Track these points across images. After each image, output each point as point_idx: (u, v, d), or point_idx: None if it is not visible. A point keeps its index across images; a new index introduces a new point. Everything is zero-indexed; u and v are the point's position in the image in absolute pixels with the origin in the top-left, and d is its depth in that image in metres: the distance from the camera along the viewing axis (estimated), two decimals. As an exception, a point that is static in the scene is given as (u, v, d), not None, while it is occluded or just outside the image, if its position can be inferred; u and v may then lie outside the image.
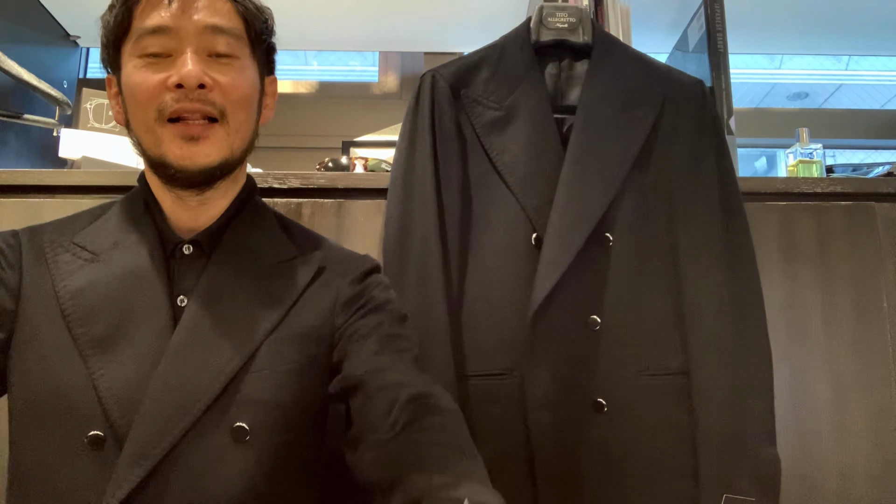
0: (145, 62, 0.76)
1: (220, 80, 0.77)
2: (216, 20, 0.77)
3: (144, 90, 0.75)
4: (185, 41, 0.75)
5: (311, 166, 1.37)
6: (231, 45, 0.78)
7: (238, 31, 0.79)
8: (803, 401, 1.21)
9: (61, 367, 0.73)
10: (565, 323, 1.05)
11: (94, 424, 0.71)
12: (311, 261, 0.85)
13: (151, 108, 0.75)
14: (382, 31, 2.09)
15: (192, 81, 0.74)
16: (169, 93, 0.75)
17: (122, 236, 0.80)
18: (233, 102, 0.78)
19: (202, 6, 0.77)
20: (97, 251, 0.79)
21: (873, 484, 1.19)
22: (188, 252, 0.80)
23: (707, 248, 1.09)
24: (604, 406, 1.05)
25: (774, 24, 2.04)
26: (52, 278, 0.77)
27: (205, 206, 0.82)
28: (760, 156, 2.73)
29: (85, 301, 0.75)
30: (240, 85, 0.79)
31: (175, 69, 0.75)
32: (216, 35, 0.77)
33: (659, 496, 1.03)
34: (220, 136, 0.77)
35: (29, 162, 1.78)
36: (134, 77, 0.76)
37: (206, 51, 0.77)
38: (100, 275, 0.77)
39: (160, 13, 0.75)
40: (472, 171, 1.14)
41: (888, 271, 1.26)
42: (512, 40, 1.19)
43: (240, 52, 0.79)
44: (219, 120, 0.77)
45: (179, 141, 0.75)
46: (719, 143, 1.15)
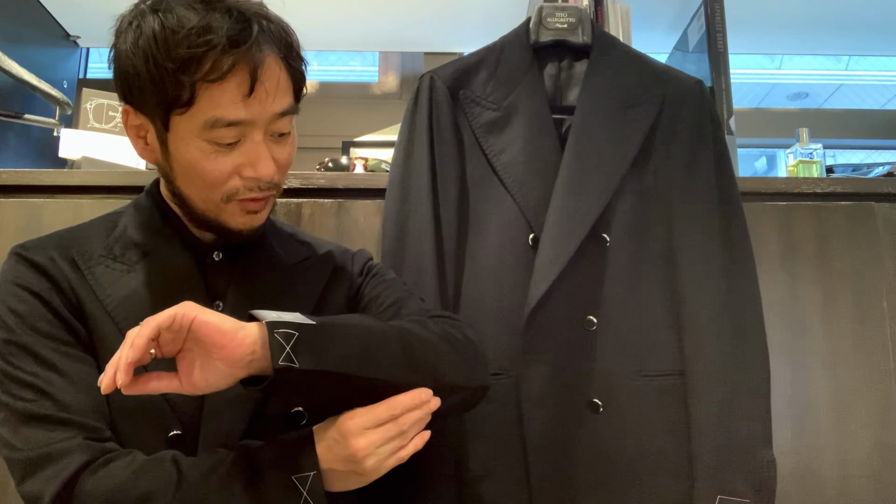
0: (215, 150, 0.74)
1: (280, 160, 0.79)
2: (282, 106, 0.76)
3: (216, 176, 0.75)
4: (258, 130, 0.75)
5: (311, 166, 1.37)
6: (291, 122, 0.80)
7: (294, 106, 0.80)
8: (803, 400, 1.21)
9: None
10: (561, 323, 1.06)
11: (173, 425, 0.75)
12: (325, 259, 0.91)
13: (219, 191, 0.76)
14: (382, 31, 2.09)
15: (268, 178, 0.77)
16: (241, 180, 0.76)
17: (148, 247, 0.81)
18: (285, 172, 0.82)
19: (275, 91, 0.75)
20: (129, 262, 0.80)
21: (873, 484, 1.19)
22: (218, 258, 0.83)
23: (705, 248, 1.09)
24: (599, 406, 1.05)
25: (774, 24, 2.04)
26: (93, 291, 0.77)
27: None
28: (760, 156, 2.74)
29: (132, 309, 0.76)
30: (293, 156, 0.82)
31: (246, 158, 0.75)
32: (282, 119, 0.77)
33: (654, 497, 1.03)
34: (271, 202, 0.83)
35: (29, 162, 1.78)
36: (202, 162, 0.75)
37: (270, 133, 0.77)
38: (138, 284, 0.79)
39: (238, 103, 0.72)
40: (471, 171, 1.14)
41: (888, 271, 1.26)
42: (511, 41, 1.19)
43: (293, 122, 0.81)
44: (276, 193, 0.82)
45: (244, 213, 0.79)
46: (718, 143, 1.15)
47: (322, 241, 0.97)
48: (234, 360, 0.65)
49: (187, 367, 0.66)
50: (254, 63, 0.71)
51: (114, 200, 1.19)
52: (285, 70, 0.76)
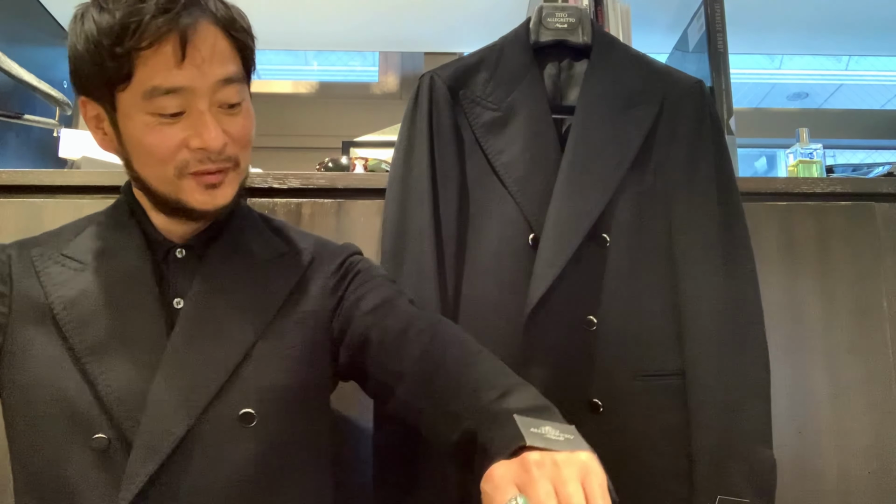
0: (159, 122, 0.74)
1: (232, 132, 0.77)
2: (224, 72, 0.75)
3: (163, 150, 0.74)
4: (200, 98, 0.74)
5: (311, 166, 1.37)
6: (238, 90, 0.77)
7: (241, 74, 0.78)
8: (803, 401, 1.21)
9: (59, 374, 0.74)
10: (561, 323, 1.06)
11: (98, 427, 0.72)
12: (303, 254, 0.88)
13: (170, 165, 0.75)
14: (382, 31, 2.09)
15: (216, 147, 0.75)
16: (189, 153, 0.75)
17: (109, 244, 0.82)
18: (242, 147, 0.80)
19: (211, 56, 0.74)
20: (86, 260, 0.80)
21: (873, 484, 1.19)
22: (181, 255, 0.82)
23: (705, 248, 1.09)
24: (599, 407, 1.05)
25: (774, 24, 2.04)
26: (43, 290, 0.78)
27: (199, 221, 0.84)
28: (760, 156, 2.74)
29: (79, 309, 0.76)
30: (248, 129, 0.80)
31: (193, 129, 0.74)
32: (227, 86, 0.76)
33: (654, 497, 1.03)
34: (234, 179, 0.80)
35: (29, 162, 1.78)
36: (148, 136, 0.74)
37: (218, 103, 0.76)
38: (91, 283, 0.78)
39: (172, 69, 0.71)
40: (470, 171, 1.14)
41: (888, 271, 1.26)
42: (511, 41, 1.19)
43: (243, 92, 0.79)
44: (233, 167, 0.79)
45: (202, 189, 0.77)
46: (718, 143, 1.15)
47: (308, 236, 0.94)
48: None
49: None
50: (183, 27, 0.70)
51: (113, 200, 1.19)
52: (224, 37, 0.75)
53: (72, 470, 0.72)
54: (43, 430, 0.74)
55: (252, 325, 0.79)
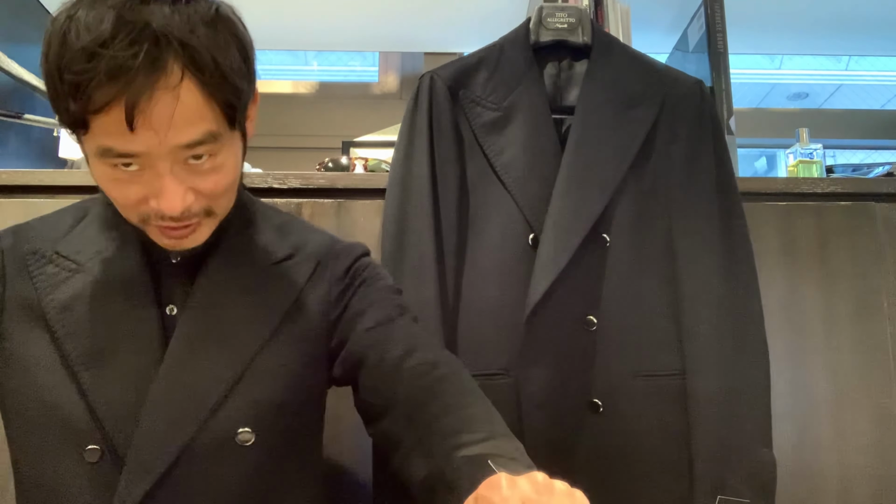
0: (116, 175, 0.67)
1: (201, 188, 0.69)
2: (189, 136, 0.65)
3: (123, 202, 0.69)
4: (159, 161, 0.65)
5: (311, 166, 1.37)
6: (210, 148, 0.67)
7: (217, 130, 0.66)
8: (803, 401, 1.21)
9: (51, 383, 0.72)
10: (561, 323, 1.06)
11: (91, 439, 0.70)
12: (307, 259, 0.83)
13: (133, 215, 0.70)
14: (382, 31, 2.09)
15: (175, 213, 0.67)
16: (151, 209, 0.68)
17: (104, 244, 0.78)
18: (217, 198, 0.71)
19: (171, 119, 0.63)
20: (81, 261, 0.77)
21: (873, 484, 1.19)
22: (176, 260, 0.77)
23: (705, 248, 1.09)
24: (599, 406, 1.05)
25: (774, 24, 2.04)
26: (36, 291, 0.74)
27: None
28: (760, 156, 2.74)
29: (72, 316, 0.73)
30: (223, 182, 0.71)
31: (152, 189, 0.66)
32: (192, 148, 0.66)
33: (654, 497, 1.03)
34: (208, 226, 0.73)
35: (29, 162, 1.78)
36: (108, 186, 0.68)
37: (183, 158, 0.66)
38: (85, 286, 0.75)
39: (123, 135, 0.62)
40: (471, 171, 1.14)
41: (888, 271, 1.26)
42: (511, 41, 1.19)
43: (219, 147, 0.68)
44: (203, 216, 0.72)
45: (168, 237, 0.71)
46: (718, 143, 1.15)
47: (316, 233, 0.88)
48: None
49: None
50: (133, 94, 0.61)
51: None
52: (198, 92, 0.64)
53: (62, 480, 0.70)
54: (34, 437, 0.72)
55: (253, 338, 0.76)
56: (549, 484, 0.55)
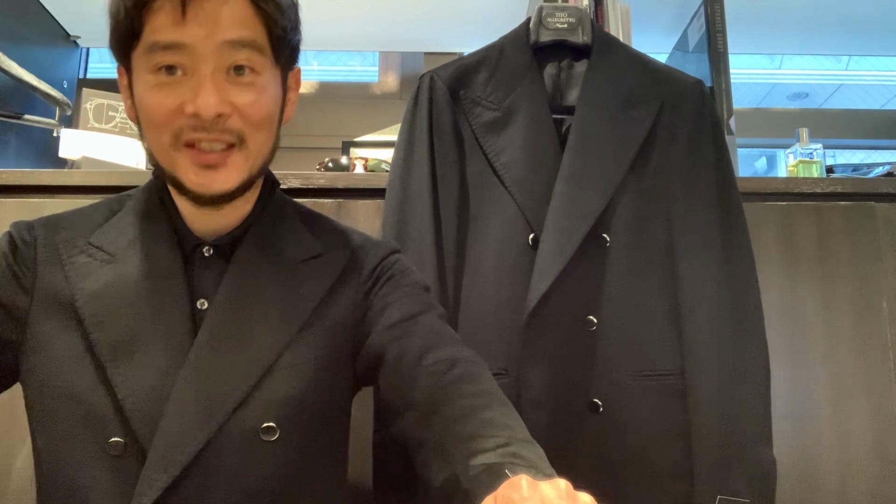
0: (158, 80, 0.70)
1: (238, 103, 0.71)
2: (236, 34, 0.69)
3: (158, 114, 0.70)
4: (201, 60, 0.69)
5: (311, 166, 1.37)
6: (253, 58, 0.71)
7: (260, 43, 0.71)
8: (803, 401, 1.21)
9: (77, 372, 0.71)
10: (561, 323, 1.05)
11: (114, 431, 0.69)
12: (336, 258, 0.82)
13: (166, 133, 0.71)
14: (382, 31, 2.09)
15: (208, 113, 0.68)
16: (185, 119, 0.70)
17: (137, 235, 0.77)
18: (253, 126, 0.72)
19: (220, 16, 0.68)
20: (113, 252, 0.76)
21: (873, 484, 1.19)
22: (208, 254, 0.77)
23: (705, 249, 1.09)
24: (599, 406, 1.05)
25: (774, 24, 2.04)
26: (67, 281, 0.74)
27: (223, 213, 0.78)
28: (760, 156, 2.73)
29: (102, 305, 0.73)
30: (261, 105, 0.73)
31: (191, 93, 0.69)
32: (236, 49, 0.70)
33: (654, 497, 1.03)
34: (239, 162, 0.73)
35: (29, 162, 1.78)
36: (146, 98, 0.71)
37: (225, 66, 0.70)
38: (116, 277, 0.75)
39: (173, 26, 0.68)
40: (470, 171, 1.14)
41: (888, 271, 1.26)
42: (511, 41, 1.19)
43: (261, 67, 0.72)
44: (237, 145, 0.72)
45: (196, 168, 0.71)
46: (718, 143, 1.15)
47: (347, 232, 0.87)
48: None
49: None
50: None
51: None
52: (248, 4, 0.70)
53: (84, 472, 0.69)
54: (57, 428, 0.71)
55: (280, 334, 0.75)
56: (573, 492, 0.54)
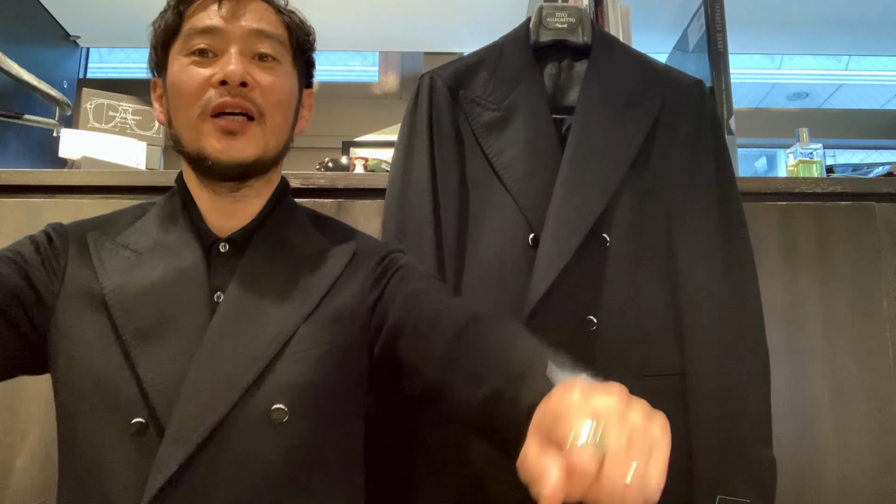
0: (192, 60, 0.81)
1: (260, 80, 0.82)
2: (262, 25, 0.83)
3: (190, 87, 0.80)
4: (230, 42, 0.81)
5: (311, 166, 1.37)
6: (274, 48, 0.84)
7: (282, 38, 0.85)
8: (803, 401, 1.21)
9: (104, 356, 0.75)
10: (561, 323, 1.05)
11: (138, 412, 0.73)
12: (343, 252, 0.88)
13: (196, 104, 0.80)
14: (382, 31, 2.09)
15: (235, 78, 0.79)
16: (213, 89, 0.80)
17: (162, 236, 0.84)
18: (272, 104, 0.83)
19: (250, 12, 0.83)
20: (139, 250, 0.82)
21: (873, 484, 1.19)
22: (224, 250, 0.84)
23: (705, 249, 1.09)
24: (600, 406, 1.05)
25: (774, 24, 2.04)
26: (95, 274, 0.80)
27: (240, 205, 0.86)
28: (760, 156, 2.73)
29: (128, 294, 0.78)
30: (279, 87, 0.84)
31: (219, 67, 0.80)
32: (261, 38, 0.83)
33: (655, 496, 1.03)
34: (256, 134, 0.82)
35: (29, 162, 1.78)
36: (180, 75, 0.81)
37: (251, 52, 0.82)
38: (142, 272, 0.80)
39: (210, 16, 0.82)
40: (470, 171, 1.14)
41: (888, 271, 1.26)
42: (511, 41, 1.19)
43: (282, 58, 0.85)
44: (256, 119, 0.82)
45: (219, 134, 0.80)
46: (718, 143, 1.15)
47: (352, 231, 0.95)
48: None
49: None
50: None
51: (114, 200, 1.19)
52: (271, 10, 0.86)
53: (107, 451, 0.72)
54: (82, 409, 0.75)
55: (289, 320, 0.79)
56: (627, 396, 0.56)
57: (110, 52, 2.30)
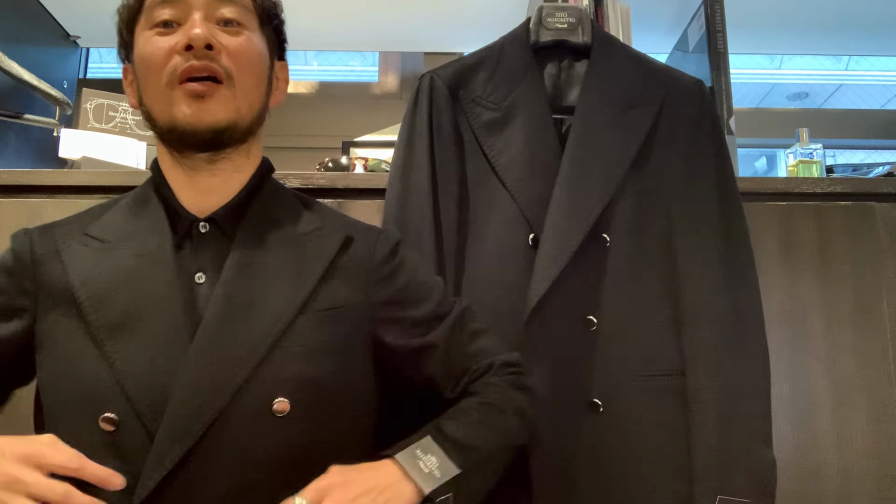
0: (156, 32, 0.79)
1: (227, 43, 0.80)
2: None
3: (156, 56, 0.78)
4: (193, 8, 0.79)
5: (311, 166, 1.37)
6: (238, 13, 0.82)
7: (246, 3, 0.83)
8: (803, 401, 1.21)
9: (78, 354, 0.74)
10: (561, 323, 1.05)
11: (110, 406, 0.71)
12: (337, 231, 0.86)
13: (163, 73, 0.78)
14: (382, 31, 2.09)
15: (199, 41, 0.77)
16: (179, 56, 0.78)
17: (132, 222, 0.82)
18: (241, 66, 0.80)
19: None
20: (108, 238, 0.81)
21: (873, 484, 1.19)
22: (205, 230, 0.81)
23: (705, 248, 1.09)
24: (599, 406, 1.05)
25: (774, 24, 2.04)
26: (65, 270, 0.78)
27: (218, 179, 0.83)
28: (760, 156, 2.73)
29: (97, 287, 0.76)
30: (247, 50, 0.82)
31: (183, 34, 0.78)
32: (224, 3, 0.81)
33: (653, 497, 1.03)
34: (227, 97, 0.79)
35: (29, 162, 1.78)
36: (146, 47, 0.80)
37: (215, 18, 0.80)
38: (112, 261, 0.79)
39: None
40: (470, 171, 1.14)
41: (888, 271, 1.26)
42: (511, 41, 1.19)
43: (247, 23, 0.83)
44: (224, 81, 0.79)
45: (188, 99, 0.78)
46: (718, 143, 1.15)
47: (338, 213, 0.93)
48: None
49: None
50: None
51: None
52: None
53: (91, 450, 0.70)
54: (61, 410, 0.74)
55: (286, 307, 0.77)
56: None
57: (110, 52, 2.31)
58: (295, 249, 0.82)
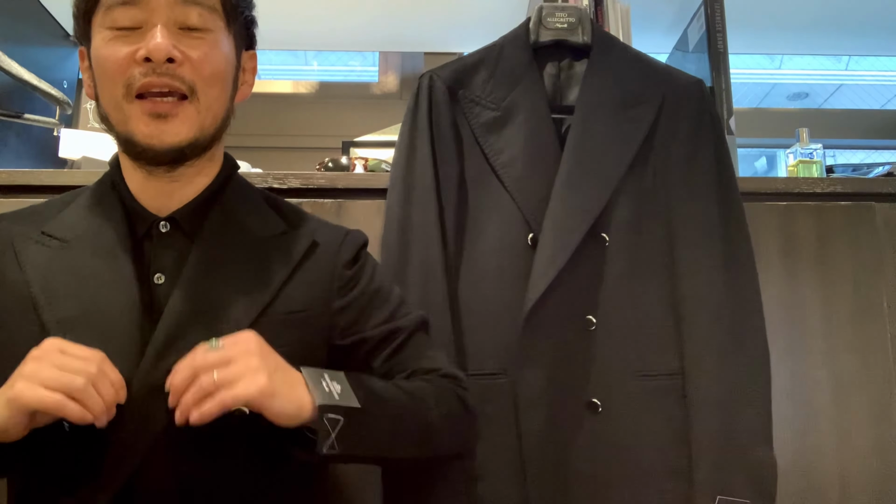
0: (114, 35, 0.74)
1: (190, 54, 0.74)
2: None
3: (112, 64, 0.73)
4: (154, 13, 0.73)
5: (311, 166, 1.37)
6: (204, 17, 0.76)
7: (212, 3, 0.77)
8: (803, 401, 1.21)
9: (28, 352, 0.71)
10: (560, 322, 1.06)
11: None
12: (303, 235, 0.84)
13: (119, 83, 0.73)
14: (382, 31, 2.09)
15: (159, 55, 0.72)
16: (137, 67, 0.73)
17: (89, 220, 0.79)
18: (204, 79, 0.75)
19: None
20: (65, 237, 0.78)
21: (873, 484, 1.19)
22: (165, 230, 0.78)
23: (705, 248, 1.09)
24: (598, 406, 1.05)
25: (774, 24, 2.04)
26: (22, 270, 0.75)
27: (178, 184, 0.80)
28: (760, 156, 2.73)
29: (51, 286, 0.74)
30: (212, 60, 0.76)
31: (144, 42, 0.72)
32: (188, 7, 0.74)
33: (653, 497, 1.03)
34: (190, 114, 0.75)
35: (29, 162, 1.78)
36: (102, 50, 0.74)
37: (178, 23, 0.74)
38: (67, 260, 0.76)
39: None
40: (470, 171, 1.14)
41: (888, 271, 1.26)
42: (511, 41, 1.19)
43: (213, 26, 0.77)
44: (188, 97, 0.75)
45: (147, 118, 0.73)
46: (718, 143, 1.15)
47: (306, 215, 0.89)
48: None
49: None
50: None
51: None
52: None
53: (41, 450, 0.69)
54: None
55: (247, 311, 0.75)
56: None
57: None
58: (258, 252, 0.80)
